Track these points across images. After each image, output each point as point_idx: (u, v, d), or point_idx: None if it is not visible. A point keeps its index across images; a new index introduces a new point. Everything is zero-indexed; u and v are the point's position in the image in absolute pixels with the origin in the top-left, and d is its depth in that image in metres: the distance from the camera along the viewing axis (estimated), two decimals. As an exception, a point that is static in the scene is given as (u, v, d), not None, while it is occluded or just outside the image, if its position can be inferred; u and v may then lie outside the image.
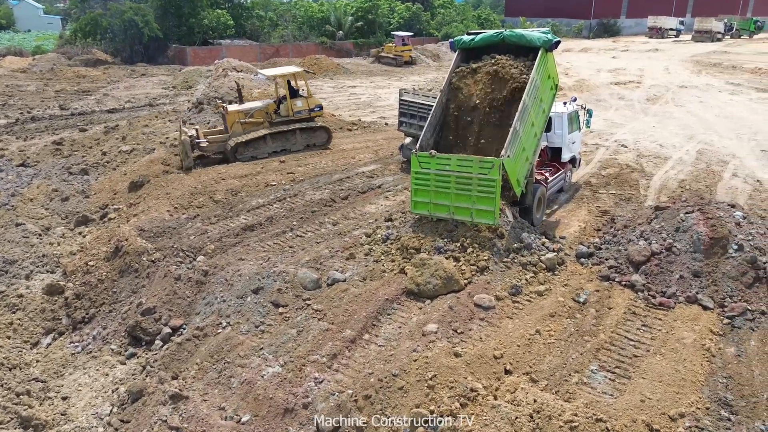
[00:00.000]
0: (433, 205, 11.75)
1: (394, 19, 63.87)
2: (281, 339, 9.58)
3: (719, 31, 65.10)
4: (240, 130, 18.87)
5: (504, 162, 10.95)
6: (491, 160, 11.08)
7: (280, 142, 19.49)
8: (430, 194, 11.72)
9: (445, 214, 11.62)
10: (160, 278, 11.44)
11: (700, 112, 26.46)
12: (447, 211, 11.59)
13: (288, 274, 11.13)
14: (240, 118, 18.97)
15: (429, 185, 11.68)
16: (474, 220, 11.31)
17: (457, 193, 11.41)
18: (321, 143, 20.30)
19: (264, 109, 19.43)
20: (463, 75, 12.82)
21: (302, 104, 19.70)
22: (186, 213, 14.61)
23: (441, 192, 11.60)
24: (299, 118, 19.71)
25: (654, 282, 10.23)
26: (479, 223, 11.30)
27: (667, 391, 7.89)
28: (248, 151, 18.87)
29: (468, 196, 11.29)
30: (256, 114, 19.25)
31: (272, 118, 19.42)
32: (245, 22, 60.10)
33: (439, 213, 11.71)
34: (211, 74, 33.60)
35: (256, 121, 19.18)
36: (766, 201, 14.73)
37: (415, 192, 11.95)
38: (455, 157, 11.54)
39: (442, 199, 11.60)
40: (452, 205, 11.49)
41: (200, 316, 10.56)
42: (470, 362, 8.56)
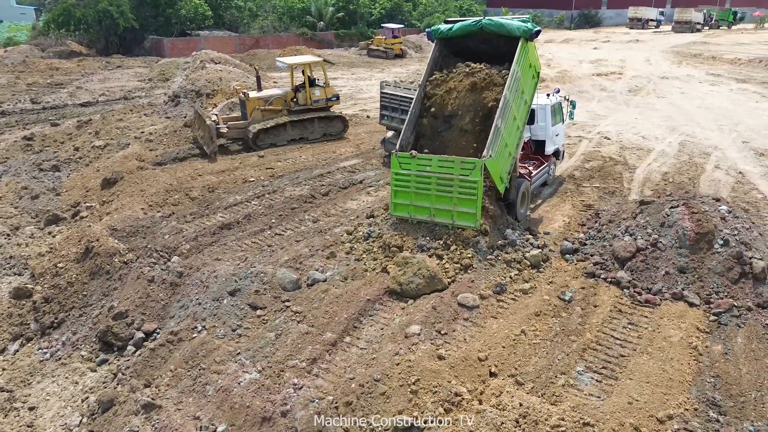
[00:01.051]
0: (413, 207, 11.43)
1: (375, 10, 63.26)
2: (259, 343, 9.24)
3: (699, 22, 65.52)
4: (260, 117, 19.06)
5: (486, 162, 10.70)
6: (473, 160, 10.81)
7: (299, 131, 19.69)
8: (410, 196, 11.41)
9: (426, 217, 11.33)
10: (132, 280, 10.99)
11: (682, 104, 26.48)
12: (427, 213, 11.29)
13: (266, 274, 10.77)
14: (260, 105, 19.12)
15: (409, 186, 11.37)
16: (455, 222, 11.05)
17: (437, 194, 11.12)
18: (337, 132, 20.45)
19: (283, 97, 19.61)
20: (437, 84, 12.41)
21: (320, 93, 19.89)
22: (161, 211, 14.15)
23: (421, 194, 11.29)
24: (317, 107, 19.89)
25: (640, 278, 10.06)
26: (461, 226, 11.00)
27: (655, 392, 7.72)
28: (268, 138, 19.08)
29: (449, 198, 11.01)
30: (275, 101, 19.45)
31: (291, 106, 19.61)
32: (224, 12, 59.03)
33: (420, 215, 11.40)
34: (189, 66, 32.86)
35: (275, 109, 19.38)
36: (749, 193, 14.68)
37: (394, 194, 11.62)
38: (436, 157, 11.25)
39: (422, 200, 11.29)
40: (433, 207, 11.20)
41: (174, 320, 10.16)
42: (454, 365, 8.31)
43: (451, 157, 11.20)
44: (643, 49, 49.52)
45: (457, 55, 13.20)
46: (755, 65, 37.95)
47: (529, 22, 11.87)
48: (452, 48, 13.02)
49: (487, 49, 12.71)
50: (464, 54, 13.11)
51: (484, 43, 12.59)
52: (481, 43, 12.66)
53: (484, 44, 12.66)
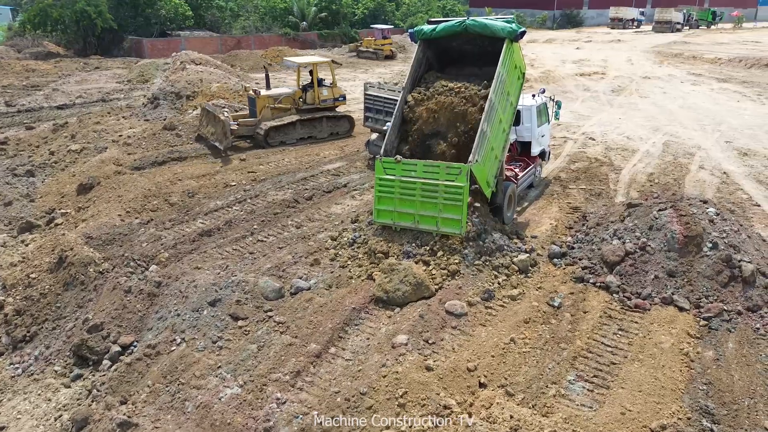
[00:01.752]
0: (397, 214, 11.11)
1: (358, 10, 62.94)
2: (240, 356, 8.92)
3: (679, 22, 66.22)
4: (269, 115, 19.30)
5: (473, 167, 10.49)
6: (459, 165, 10.59)
7: (308, 129, 19.91)
8: (394, 202, 11.11)
9: (410, 223, 11.03)
10: (108, 291, 10.61)
11: (664, 103, 26.57)
12: (412, 220, 11.00)
13: (248, 283, 10.44)
14: (270, 103, 19.39)
15: (393, 192, 11.08)
16: (440, 229, 10.76)
17: (422, 200, 10.85)
18: (344, 131, 20.61)
19: (292, 96, 19.91)
20: (416, 103, 12.13)
21: (328, 93, 20.15)
22: (139, 217, 13.75)
23: (406, 200, 11.00)
24: (325, 107, 20.12)
25: (629, 283, 9.92)
26: (445, 233, 10.73)
27: (648, 402, 7.55)
28: (278, 136, 19.25)
29: (434, 204, 10.74)
30: (284, 100, 19.76)
31: (299, 105, 19.86)
32: (205, 12, 58.23)
33: (404, 222, 11.09)
34: (169, 67, 32.28)
35: (284, 107, 19.65)
36: (734, 194, 14.66)
37: (378, 200, 11.30)
38: (421, 162, 11.02)
39: (407, 207, 11.00)
40: (417, 214, 10.91)
41: (152, 333, 9.80)
42: (443, 376, 8.09)
43: (436, 162, 10.98)
44: (624, 48, 49.85)
45: (441, 56, 12.99)
46: (735, 65, 38.34)
47: (514, 22, 11.68)
48: (436, 49, 12.80)
49: (472, 49, 12.53)
50: (448, 55, 12.91)
51: (469, 43, 12.40)
52: (465, 44, 12.47)
53: (468, 44, 12.47)
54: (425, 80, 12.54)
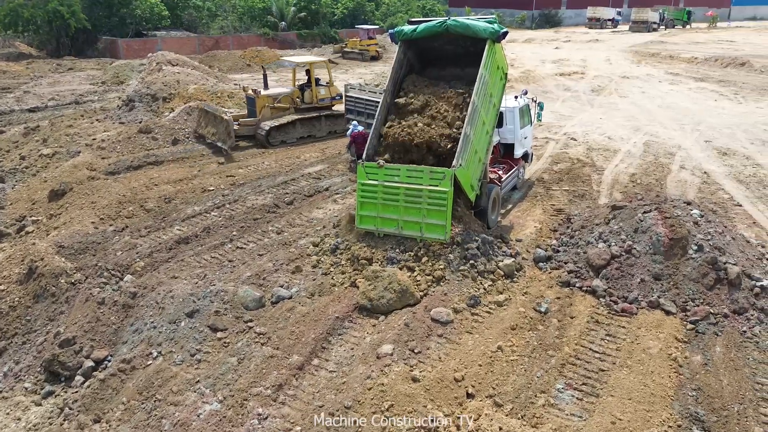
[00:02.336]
0: (380, 220, 10.88)
1: (338, 10, 62.58)
2: (220, 369, 8.61)
3: (655, 21, 66.98)
4: (269, 115, 19.47)
5: (456, 172, 10.31)
6: (442, 170, 10.41)
7: (307, 128, 20.12)
8: (377, 207, 10.87)
9: (393, 229, 10.79)
10: (81, 303, 10.20)
11: (644, 103, 26.74)
12: (395, 226, 10.77)
13: (227, 293, 10.12)
14: (269, 103, 19.60)
15: (376, 198, 10.85)
16: (423, 235, 10.54)
17: (406, 206, 10.62)
18: (342, 130, 20.37)
19: (290, 95, 20.17)
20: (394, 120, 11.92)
21: (325, 92, 20.40)
22: (113, 225, 13.31)
23: (389, 205, 10.78)
24: (322, 105, 20.41)
25: (615, 287, 9.81)
26: (429, 239, 10.51)
27: (638, 410, 7.42)
28: (279, 136, 19.38)
29: (418, 210, 10.52)
30: (283, 99, 20.01)
31: (297, 104, 20.11)
32: (181, 12, 57.43)
33: (387, 228, 10.86)
34: (144, 69, 31.63)
35: (283, 107, 19.88)
36: (715, 194, 14.71)
37: (360, 205, 11.04)
38: (404, 167, 10.80)
39: (390, 212, 10.77)
40: (401, 219, 10.68)
41: (127, 346, 9.43)
42: (429, 387, 7.87)
43: (420, 166, 10.77)
44: (602, 48, 50.23)
45: (422, 57, 12.79)
46: (711, 64, 38.83)
47: (496, 22, 11.52)
48: (417, 49, 12.59)
49: (454, 49, 12.35)
50: (429, 55, 12.72)
51: (450, 43, 12.21)
52: (446, 44, 12.28)
53: (450, 45, 12.29)
54: (404, 88, 12.29)
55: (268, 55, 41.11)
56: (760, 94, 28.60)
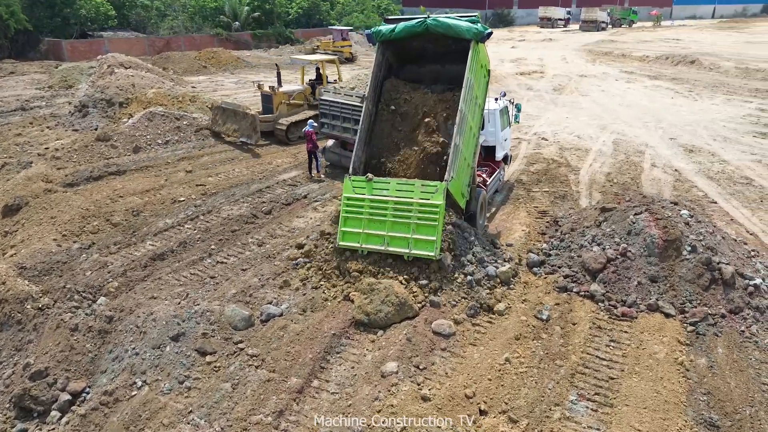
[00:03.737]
0: (365, 236, 10.28)
1: (292, 9, 61.56)
2: (214, 397, 8.03)
3: (604, 21, 68.92)
4: (285, 111, 19.99)
5: (449, 185, 10.04)
6: (435, 184, 10.08)
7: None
8: (362, 223, 10.33)
9: (379, 246, 10.17)
10: (51, 330, 9.37)
11: (605, 101, 27.25)
12: (381, 242, 10.16)
13: (213, 312, 9.51)
14: (285, 100, 20.05)
15: (362, 213, 10.35)
16: (411, 251, 9.94)
17: (394, 220, 10.13)
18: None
19: (303, 92, 20.68)
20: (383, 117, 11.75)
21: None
22: (78, 241, 12.41)
23: (376, 220, 10.26)
24: None
25: (613, 290, 9.74)
26: (418, 256, 9.93)
27: (654, 419, 7.31)
28: (297, 131, 19.56)
29: (407, 225, 10.03)
30: (297, 96, 20.47)
31: (310, 101, 20.57)
32: (129, 12, 55.23)
33: (372, 245, 10.22)
34: (95, 71, 30.11)
35: (297, 103, 20.40)
36: (690, 191, 14.97)
37: (344, 220, 10.43)
38: (395, 180, 10.43)
39: (376, 228, 10.23)
40: (387, 235, 10.12)
41: (107, 376, 8.71)
42: (441, 406, 7.55)
43: (411, 180, 10.43)
44: (556, 47, 51.23)
45: (400, 55, 12.47)
46: (662, 62, 40.07)
47: (479, 22, 11.28)
48: (395, 49, 12.24)
49: (434, 48, 12.09)
50: (408, 53, 12.41)
51: (431, 42, 11.92)
52: (426, 43, 11.99)
53: (430, 43, 12.00)
54: (384, 95, 11.95)
55: (225, 57, 40.01)
56: (713, 91, 29.62)
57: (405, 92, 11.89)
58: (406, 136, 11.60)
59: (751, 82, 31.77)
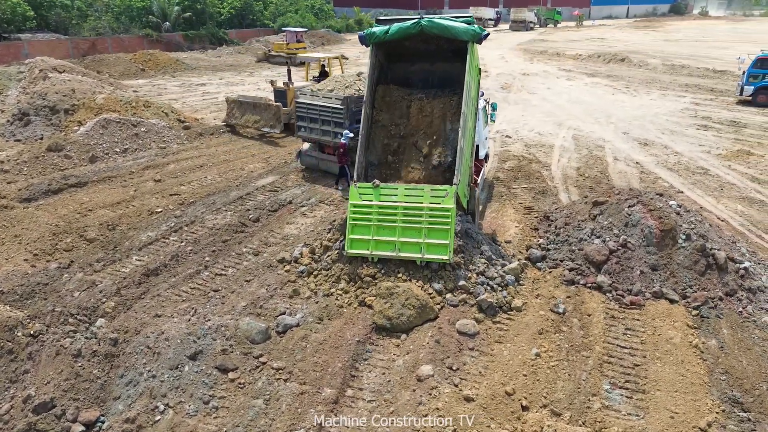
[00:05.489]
0: (374, 242, 10.15)
1: (224, 10, 59.89)
2: (247, 415, 7.70)
3: (532, 21, 71.59)
4: None
5: (458, 188, 10.15)
6: (444, 188, 10.13)
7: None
8: (371, 230, 10.19)
9: (390, 252, 10.06)
10: (50, 358, 8.65)
11: (553, 99, 28.30)
12: (392, 248, 10.07)
13: (227, 327, 9.11)
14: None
15: (371, 219, 10.23)
16: (424, 256, 9.91)
17: (404, 226, 10.08)
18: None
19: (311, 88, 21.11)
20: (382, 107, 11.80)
21: None
22: (52, 260, 11.55)
23: (385, 226, 10.17)
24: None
25: (618, 280, 10.14)
26: (431, 260, 9.94)
27: (686, 401, 7.69)
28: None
29: (418, 230, 10.00)
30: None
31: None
32: (47, 12, 51.79)
33: (382, 251, 10.10)
34: (25, 77, 28.08)
35: None
36: (656, 183, 15.83)
37: (352, 228, 10.26)
38: (403, 185, 10.39)
39: (386, 234, 10.14)
40: (398, 241, 10.05)
41: (123, 402, 8.15)
42: (486, 406, 7.60)
43: (420, 185, 10.43)
44: (493, 46, 52.62)
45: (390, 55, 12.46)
46: (595, 60, 42.11)
47: (473, 22, 11.43)
48: (386, 49, 12.21)
49: (426, 47, 12.15)
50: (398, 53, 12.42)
51: (423, 42, 11.97)
52: (419, 43, 12.03)
53: (422, 44, 12.05)
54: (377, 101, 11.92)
55: (163, 59, 38.39)
56: (647, 87, 31.45)
57: (400, 98, 11.91)
58: (404, 142, 11.60)
59: (679, 78, 33.99)
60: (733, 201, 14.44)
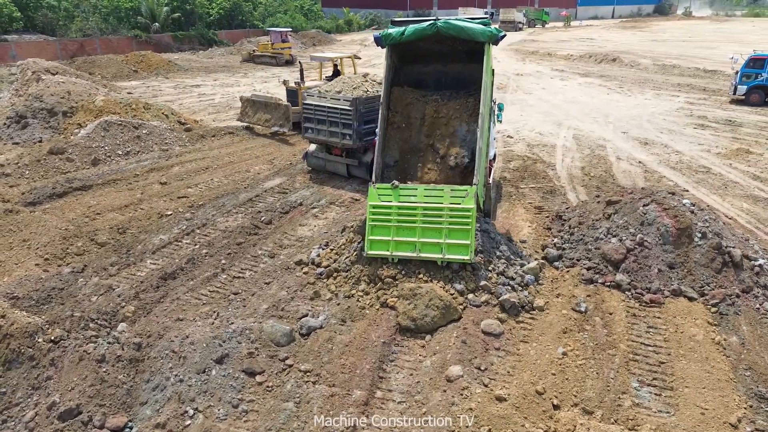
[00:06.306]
0: (394, 243, 10.16)
1: (213, 10, 59.52)
2: (279, 418, 7.67)
3: (521, 21, 72.02)
4: None
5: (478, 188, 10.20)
6: (464, 188, 10.18)
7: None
8: (390, 231, 10.21)
9: (410, 252, 10.08)
10: (72, 364, 8.55)
11: (550, 99, 28.50)
12: (412, 249, 10.08)
13: (252, 330, 9.07)
14: None
15: (390, 220, 10.25)
16: (446, 256, 9.93)
17: (424, 226, 10.10)
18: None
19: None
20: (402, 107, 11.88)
21: None
22: (64, 264, 11.41)
23: (405, 227, 10.19)
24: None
25: (637, 279, 10.24)
26: (452, 261, 9.97)
27: (714, 397, 7.79)
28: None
29: (438, 230, 10.03)
30: None
31: None
32: (34, 13, 51.11)
33: (402, 252, 10.11)
34: (17, 79, 27.66)
35: None
36: (661, 182, 16.00)
37: (371, 229, 10.27)
38: (422, 186, 10.42)
39: (406, 235, 10.16)
40: (419, 241, 10.06)
41: (150, 407, 8.07)
42: (518, 405, 7.63)
43: (439, 185, 10.46)
44: (484, 47, 52.79)
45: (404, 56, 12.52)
46: (586, 60, 42.48)
47: (489, 23, 11.51)
48: (401, 50, 12.27)
49: (440, 48, 12.27)
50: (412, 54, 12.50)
51: (438, 43, 12.08)
52: (434, 44, 12.12)
53: (437, 44, 12.16)
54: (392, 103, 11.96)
55: (156, 60, 38.02)
56: (641, 86, 31.79)
57: (415, 99, 11.97)
58: (420, 143, 11.64)
59: (670, 77, 34.40)
60: (737, 199, 14.65)
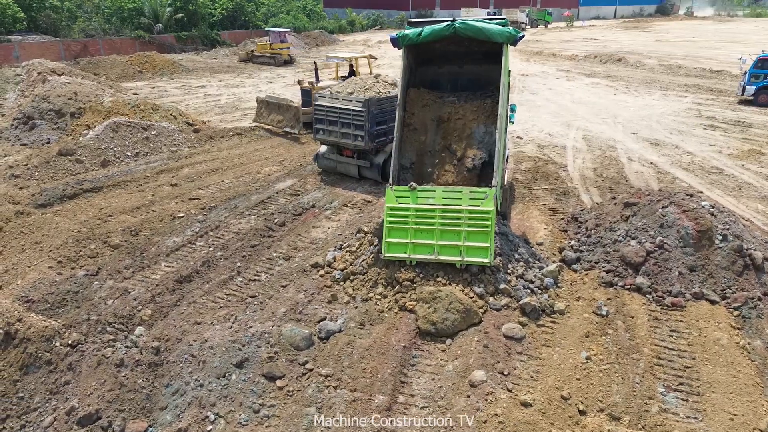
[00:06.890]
0: (412, 246, 10.05)
1: (216, 11, 59.45)
2: (302, 423, 7.58)
3: (524, 22, 71.90)
4: None
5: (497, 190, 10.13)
6: (483, 190, 10.08)
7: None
8: (408, 233, 10.11)
9: (429, 255, 9.96)
10: (90, 368, 8.48)
11: (557, 99, 28.40)
12: (431, 251, 9.96)
13: (271, 334, 8.97)
14: None
15: (408, 223, 10.16)
16: (464, 259, 9.81)
17: (442, 229, 10.00)
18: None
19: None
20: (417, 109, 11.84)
21: None
22: (77, 267, 11.32)
23: (423, 229, 10.09)
24: None
25: (657, 282, 10.14)
26: (471, 263, 9.85)
27: (742, 402, 7.69)
28: None
29: (457, 232, 9.92)
30: None
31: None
32: (37, 13, 51.00)
33: (421, 254, 9.99)
34: (23, 80, 27.61)
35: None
36: (674, 183, 15.90)
37: (388, 231, 10.16)
38: (440, 188, 10.32)
39: (424, 237, 10.05)
40: (437, 244, 9.95)
41: (171, 412, 7.98)
42: (544, 411, 7.54)
43: (458, 187, 10.37)
44: (487, 47, 52.73)
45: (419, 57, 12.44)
46: (591, 61, 42.38)
47: (507, 24, 11.42)
48: (417, 51, 12.19)
49: (456, 49, 12.18)
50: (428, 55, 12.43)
51: (454, 44, 11.98)
52: (449, 45, 12.03)
53: (453, 46, 12.06)
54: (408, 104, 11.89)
55: (160, 61, 37.96)
56: (648, 87, 31.68)
57: (431, 101, 11.90)
58: (437, 144, 11.56)
59: (677, 78, 34.29)
60: (753, 201, 14.55)
